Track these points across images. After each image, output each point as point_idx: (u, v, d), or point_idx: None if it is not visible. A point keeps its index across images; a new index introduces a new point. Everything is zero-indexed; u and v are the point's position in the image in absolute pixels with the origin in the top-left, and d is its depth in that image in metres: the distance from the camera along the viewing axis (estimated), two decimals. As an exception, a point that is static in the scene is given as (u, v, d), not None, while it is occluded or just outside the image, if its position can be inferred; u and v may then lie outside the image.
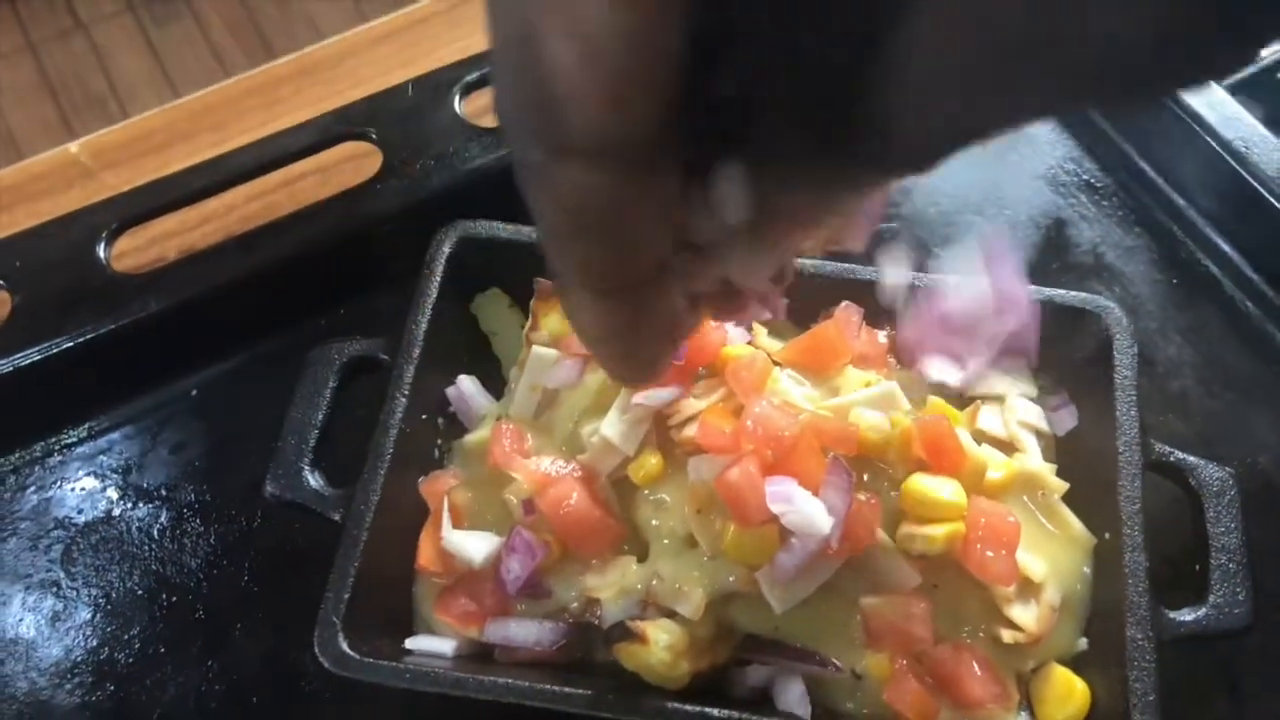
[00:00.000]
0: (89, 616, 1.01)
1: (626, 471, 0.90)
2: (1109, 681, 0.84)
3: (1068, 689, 0.85)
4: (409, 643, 0.88)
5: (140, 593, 1.03)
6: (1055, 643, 0.87)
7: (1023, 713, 0.86)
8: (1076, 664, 0.87)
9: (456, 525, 0.92)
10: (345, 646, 0.83)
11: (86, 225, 1.12)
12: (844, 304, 0.97)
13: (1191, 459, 0.92)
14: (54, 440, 1.12)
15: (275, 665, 0.97)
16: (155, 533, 1.05)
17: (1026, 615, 0.85)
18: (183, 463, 1.09)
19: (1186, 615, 0.85)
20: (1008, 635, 0.85)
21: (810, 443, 0.84)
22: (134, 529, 1.06)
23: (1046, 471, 0.92)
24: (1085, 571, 0.89)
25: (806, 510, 0.80)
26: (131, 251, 1.19)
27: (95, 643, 0.99)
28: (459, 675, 0.82)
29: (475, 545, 0.90)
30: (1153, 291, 1.20)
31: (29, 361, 1.08)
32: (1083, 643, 0.88)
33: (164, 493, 1.07)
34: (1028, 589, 0.86)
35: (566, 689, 0.82)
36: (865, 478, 0.87)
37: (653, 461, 0.89)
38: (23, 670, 0.98)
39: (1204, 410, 1.08)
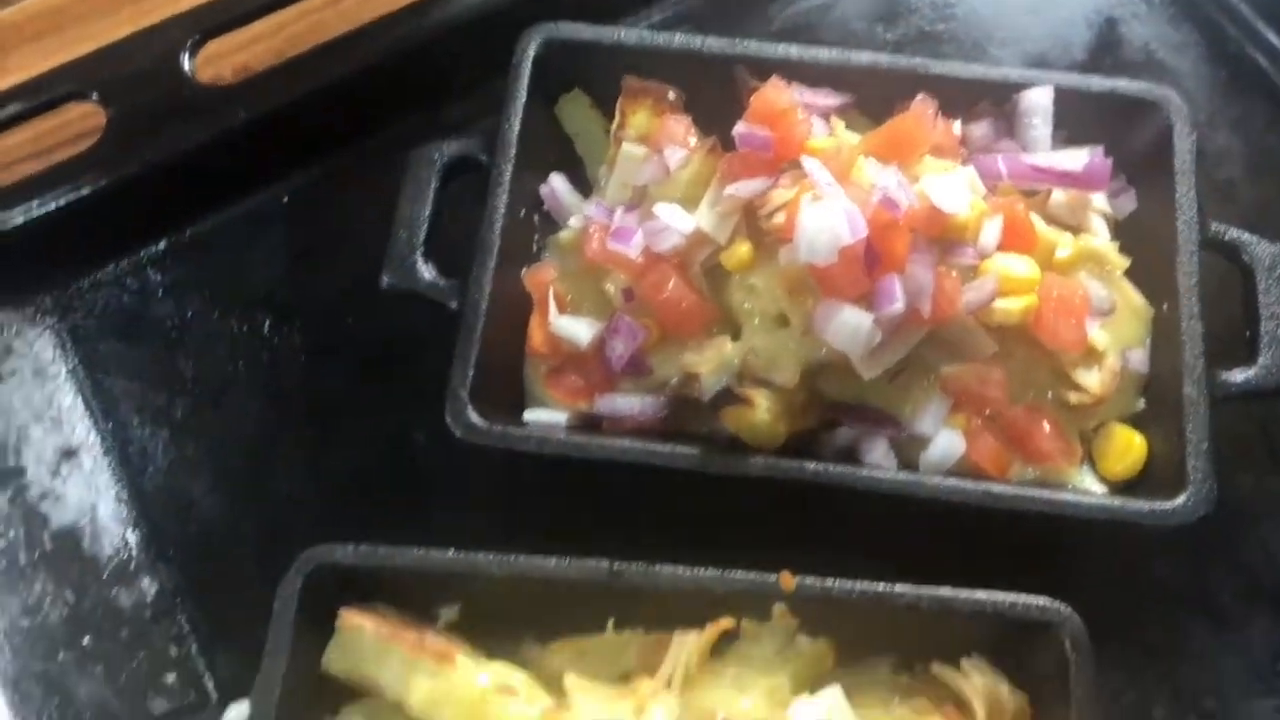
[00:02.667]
0: (206, 414, 1.08)
1: (719, 259, 0.96)
2: (1165, 435, 0.93)
3: (1127, 443, 0.94)
4: (527, 415, 0.96)
5: (251, 387, 1.10)
6: (1116, 404, 0.96)
7: (1085, 466, 0.95)
8: (1135, 421, 0.95)
9: (560, 312, 0.99)
10: (474, 417, 0.91)
11: (170, 36, 1.14)
12: (919, 96, 1.01)
13: (1245, 235, 0.99)
14: (154, 248, 1.17)
15: (396, 444, 1.05)
16: (264, 330, 1.12)
17: (1090, 379, 0.94)
18: (283, 264, 1.15)
19: (1238, 376, 0.93)
20: (1073, 397, 0.94)
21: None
22: (242, 328, 1.12)
23: (1110, 249, 0.98)
24: (1145, 340, 0.97)
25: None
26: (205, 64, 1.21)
27: (213, 436, 1.07)
28: (581, 440, 0.91)
29: (580, 329, 0.98)
30: (1201, 85, 1.24)
31: (128, 174, 1.12)
32: (1141, 403, 0.96)
33: (268, 292, 1.13)
34: (1092, 355, 0.94)
35: (679, 449, 0.90)
36: (947, 255, 0.93)
37: (744, 249, 0.95)
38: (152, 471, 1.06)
39: (1253, 195, 1.14)
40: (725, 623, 0.86)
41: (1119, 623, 0.89)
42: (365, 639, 0.86)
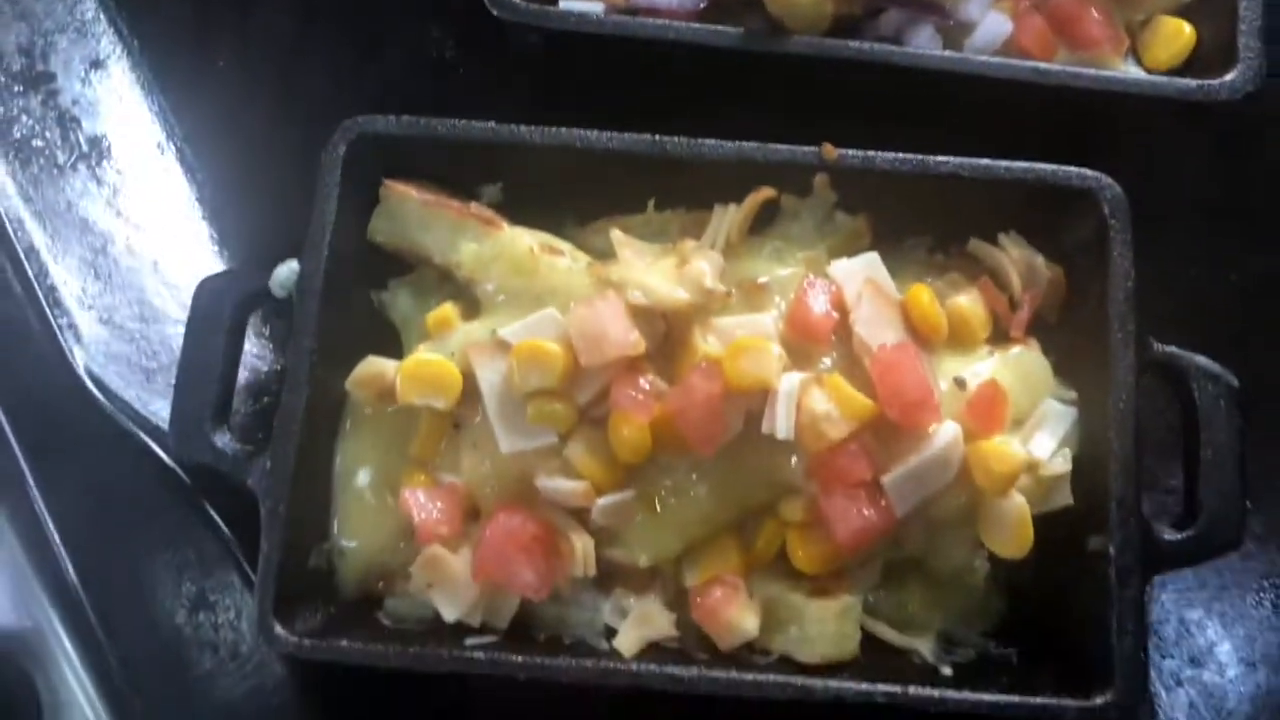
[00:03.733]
0: (233, 20, 1.06)
1: None
2: (1215, 22, 0.91)
3: (1176, 30, 0.92)
4: (563, 3, 0.94)
5: None
6: (1165, -1, 0.94)
7: (1130, 57, 0.94)
8: (1184, 13, 0.93)
9: None
10: None
11: None
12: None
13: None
14: None
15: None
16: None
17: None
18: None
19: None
20: None
21: None
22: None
23: None
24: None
25: None
26: None
27: (242, 43, 1.05)
28: (623, 19, 0.89)
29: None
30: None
31: None
32: (1193, -11, 0.94)
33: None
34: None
35: (723, 29, 0.90)
36: None
37: None
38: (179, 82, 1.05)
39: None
40: (766, 191, 0.87)
41: (1157, 201, 0.89)
42: (410, 207, 0.87)
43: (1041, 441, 0.83)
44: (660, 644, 0.82)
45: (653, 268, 0.83)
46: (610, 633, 0.83)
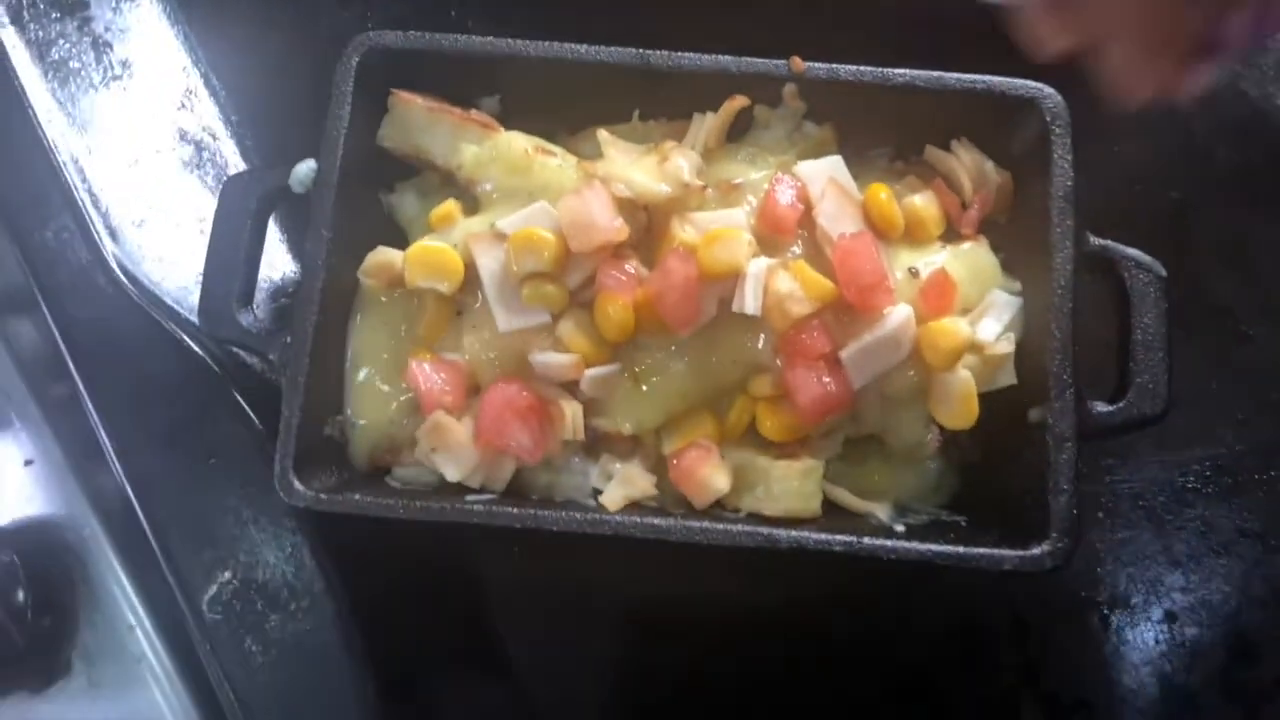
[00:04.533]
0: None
1: None
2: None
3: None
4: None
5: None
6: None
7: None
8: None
9: None
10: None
11: None
12: None
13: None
14: None
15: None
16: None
17: None
18: None
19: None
20: None
21: None
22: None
23: None
24: None
25: None
26: None
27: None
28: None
29: None
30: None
31: None
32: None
33: None
34: None
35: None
36: None
37: None
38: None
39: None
40: (740, 100, 0.95)
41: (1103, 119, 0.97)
42: (416, 113, 0.96)
43: (988, 326, 0.92)
44: (642, 503, 0.91)
45: (636, 164, 0.92)
46: (598, 496, 0.92)
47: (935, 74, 0.94)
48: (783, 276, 0.87)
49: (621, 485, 0.91)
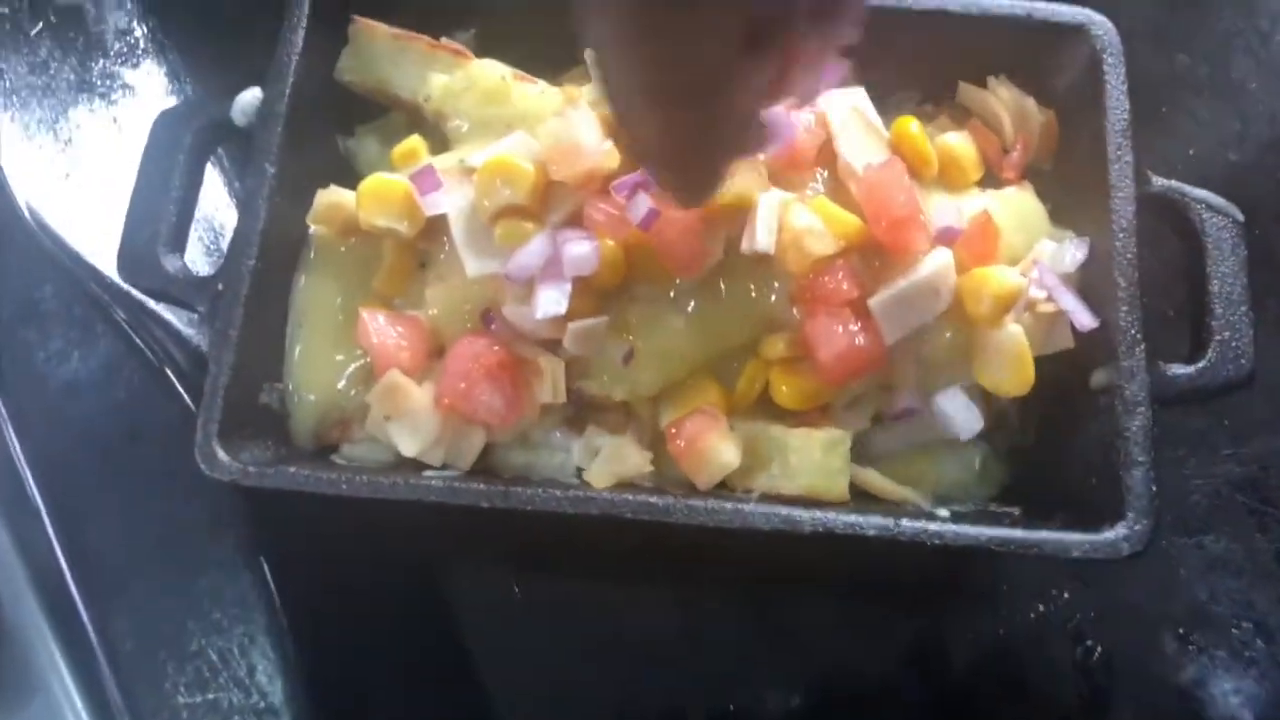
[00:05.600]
0: None
1: None
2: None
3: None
4: None
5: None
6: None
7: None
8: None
9: None
10: None
11: None
12: None
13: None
14: None
15: None
16: None
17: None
18: None
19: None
20: None
21: None
22: None
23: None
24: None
25: None
26: None
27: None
28: None
29: None
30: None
31: None
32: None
33: None
34: None
35: None
36: None
37: None
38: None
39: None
40: (749, 25, 0.83)
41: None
42: (380, 42, 0.84)
43: (1039, 278, 0.79)
44: (634, 484, 0.77)
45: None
46: (582, 475, 0.78)
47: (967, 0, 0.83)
48: (800, 210, 0.75)
49: (610, 461, 0.76)
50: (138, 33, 1.00)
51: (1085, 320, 0.77)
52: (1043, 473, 0.82)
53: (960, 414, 0.78)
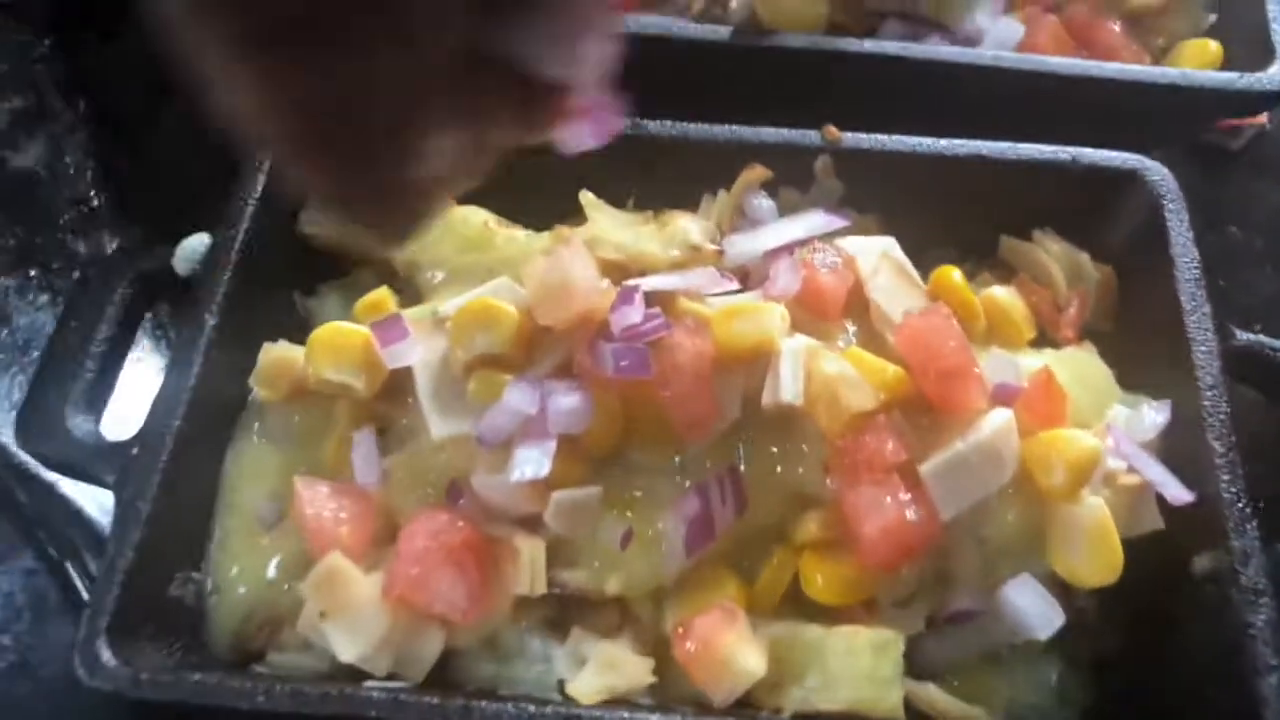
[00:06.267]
0: None
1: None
2: (1241, 37, 0.84)
3: (1201, 49, 0.85)
4: None
5: None
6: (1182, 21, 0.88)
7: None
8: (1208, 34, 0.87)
9: None
10: None
11: None
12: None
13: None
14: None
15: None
16: None
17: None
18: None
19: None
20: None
21: None
22: None
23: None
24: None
25: None
26: None
27: None
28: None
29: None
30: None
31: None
32: (1211, 18, 0.88)
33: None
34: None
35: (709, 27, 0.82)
36: None
37: None
38: None
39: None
40: (760, 170, 0.75)
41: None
42: (349, 188, 0.75)
43: (1116, 447, 0.66)
44: (632, 700, 0.60)
45: (629, 230, 0.70)
46: (565, 688, 0.61)
47: (1007, 145, 0.75)
48: (832, 358, 0.63)
49: (602, 671, 0.60)
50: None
51: (1179, 494, 0.63)
52: (1137, 687, 0.66)
53: (1034, 606, 0.62)
